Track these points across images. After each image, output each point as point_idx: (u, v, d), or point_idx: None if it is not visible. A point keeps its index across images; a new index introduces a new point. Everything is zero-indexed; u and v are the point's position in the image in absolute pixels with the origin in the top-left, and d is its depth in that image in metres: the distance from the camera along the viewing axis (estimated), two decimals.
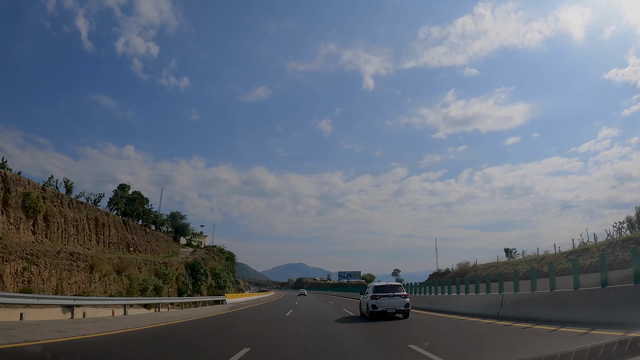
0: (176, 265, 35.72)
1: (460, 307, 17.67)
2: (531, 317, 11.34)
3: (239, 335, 12.27)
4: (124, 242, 33.01)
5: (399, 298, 14.94)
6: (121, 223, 33.94)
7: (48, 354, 7.15)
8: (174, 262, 35.71)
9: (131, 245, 33.82)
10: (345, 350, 8.75)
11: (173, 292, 33.10)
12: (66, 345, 8.54)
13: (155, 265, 31.07)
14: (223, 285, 47.65)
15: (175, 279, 34.53)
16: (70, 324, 12.59)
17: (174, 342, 10.45)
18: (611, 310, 8.77)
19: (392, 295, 14.95)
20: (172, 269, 33.59)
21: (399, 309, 14.81)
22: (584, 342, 6.79)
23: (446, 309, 18.84)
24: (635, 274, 8.60)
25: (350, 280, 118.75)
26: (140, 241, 36.48)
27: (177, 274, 34.83)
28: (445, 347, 8.29)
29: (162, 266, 31.80)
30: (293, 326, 14.20)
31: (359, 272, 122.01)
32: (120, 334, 11.17)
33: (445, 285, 22.24)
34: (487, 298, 15.97)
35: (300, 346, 9.18)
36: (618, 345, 4.29)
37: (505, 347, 7.92)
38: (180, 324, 15.25)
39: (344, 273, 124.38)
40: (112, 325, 13.05)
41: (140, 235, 37.03)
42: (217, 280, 46.88)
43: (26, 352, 7.48)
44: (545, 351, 6.09)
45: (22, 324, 12.14)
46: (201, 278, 38.88)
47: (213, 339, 11.04)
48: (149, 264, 30.57)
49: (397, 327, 12.60)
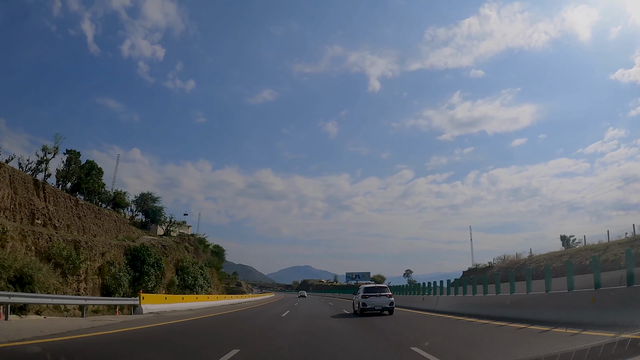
0: (103, 249, 24.45)
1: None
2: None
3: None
4: (26, 209, 22.06)
5: (385, 297, 17.20)
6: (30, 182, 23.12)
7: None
8: (100, 245, 24.40)
9: (39, 216, 22.83)
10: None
11: (89, 290, 21.89)
12: None
13: (53, 243, 19.81)
14: (192, 284, 36.41)
15: (99, 269, 23.35)
16: None
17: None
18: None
19: (379, 295, 17.30)
20: (88, 252, 22.29)
21: (384, 307, 16.97)
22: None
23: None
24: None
25: (358, 282, 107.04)
26: (63, 214, 25.54)
27: (102, 262, 23.65)
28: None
29: (67, 245, 20.51)
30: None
31: (368, 272, 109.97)
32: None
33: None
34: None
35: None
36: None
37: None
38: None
39: (352, 274, 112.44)
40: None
41: (64, 207, 26.09)
42: (184, 277, 35.66)
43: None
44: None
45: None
46: (148, 271, 27.60)
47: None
48: (39, 239, 19.33)
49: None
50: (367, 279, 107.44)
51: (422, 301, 22.73)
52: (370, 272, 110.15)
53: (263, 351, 8.16)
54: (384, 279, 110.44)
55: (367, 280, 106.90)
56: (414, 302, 23.61)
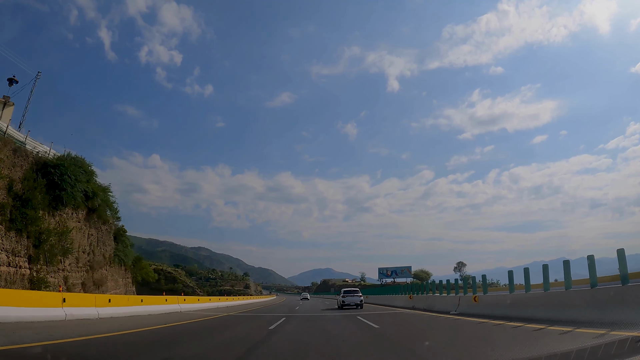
0: None
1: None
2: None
3: None
4: None
5: (357, 297, 24.79)
6: None
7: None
8: None
9: None
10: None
11: None
12: None
13: None
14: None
15: None
16: None
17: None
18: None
19: (353, 295, 25.01)
20: None
21: (356, 303, 24.44)
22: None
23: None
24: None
25: (396, 280, 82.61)
26: None
27: None
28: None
29: None
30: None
31: (408, 267, 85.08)
32: None
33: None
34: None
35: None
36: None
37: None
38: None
39: (386, 270, 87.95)
40: None
41: None
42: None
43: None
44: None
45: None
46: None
47: None
48: None
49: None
50: (407, 275, 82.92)
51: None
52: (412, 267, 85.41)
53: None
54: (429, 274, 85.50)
55: (408, 278, 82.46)
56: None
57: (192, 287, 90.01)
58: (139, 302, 18.41)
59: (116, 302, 16.08)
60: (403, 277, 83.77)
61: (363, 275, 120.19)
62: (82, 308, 13.35)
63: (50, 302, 12.00)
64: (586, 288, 10.17)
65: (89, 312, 13.54)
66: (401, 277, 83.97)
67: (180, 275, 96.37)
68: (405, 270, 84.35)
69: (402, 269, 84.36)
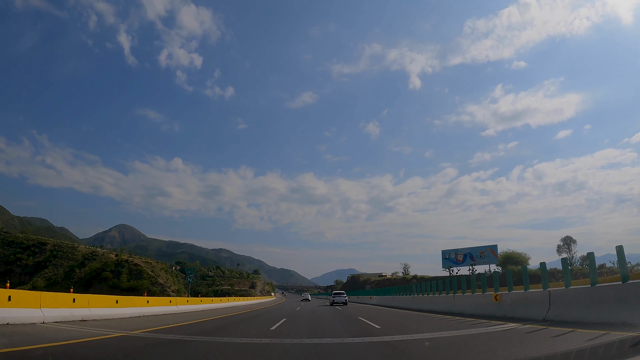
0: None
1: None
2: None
3: None
4: None
5: (343, 297, 34.60)
6: None
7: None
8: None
9: None
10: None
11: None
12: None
13: None
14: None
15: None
16: None
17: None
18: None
19: (340, 296, 35.03)
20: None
21: (342, 302, 33.70)
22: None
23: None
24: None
25: (473, 268, 54.34)
26: None
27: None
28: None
29: None
30: None
31: (492, 246, 56.79)
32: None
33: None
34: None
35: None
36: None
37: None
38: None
39: (455, 254, 59.92)
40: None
41: None
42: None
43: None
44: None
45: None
46: None
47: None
48: None
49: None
50: (491, 259, 54.46)
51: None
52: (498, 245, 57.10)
53: None
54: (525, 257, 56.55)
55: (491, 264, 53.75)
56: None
57: (162, 285, 64.40)
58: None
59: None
60: (483, 263, 55.35)
61: (406, 266, 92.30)
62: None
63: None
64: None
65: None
66: (480, 262, 55.60)
67: (155, 269, 71.22)
68: (487, 251, 56.21)
69: (482, 250, 56.20)
